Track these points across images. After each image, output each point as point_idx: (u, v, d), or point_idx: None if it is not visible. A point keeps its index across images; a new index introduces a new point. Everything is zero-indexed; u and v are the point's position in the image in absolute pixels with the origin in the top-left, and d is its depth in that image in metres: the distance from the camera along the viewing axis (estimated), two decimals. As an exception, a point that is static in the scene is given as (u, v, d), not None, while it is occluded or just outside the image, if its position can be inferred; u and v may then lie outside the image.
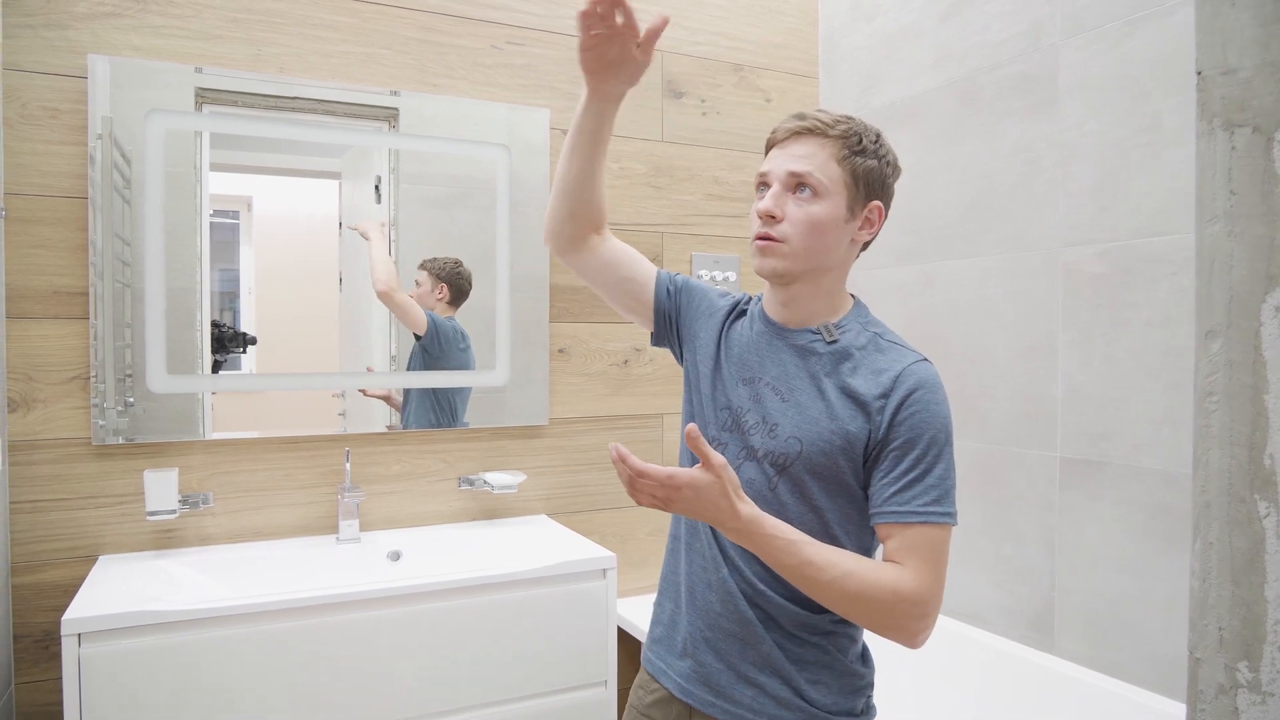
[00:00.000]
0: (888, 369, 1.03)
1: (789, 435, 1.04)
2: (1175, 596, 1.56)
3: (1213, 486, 0.64)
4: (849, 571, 0.96)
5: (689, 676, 1.10)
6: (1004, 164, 1.89)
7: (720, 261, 2.32)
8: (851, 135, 1.05)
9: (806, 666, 1.06)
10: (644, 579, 2.24)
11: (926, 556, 0.97)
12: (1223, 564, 0.64)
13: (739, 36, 2.33)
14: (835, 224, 1.05)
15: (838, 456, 1.02)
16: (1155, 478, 1.59)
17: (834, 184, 1.04)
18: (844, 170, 1.04)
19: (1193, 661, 0.67)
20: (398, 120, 1.95)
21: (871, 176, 1.06)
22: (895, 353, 1.05)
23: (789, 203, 1.04)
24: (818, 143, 1.04)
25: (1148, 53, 1.59)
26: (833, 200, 1.04)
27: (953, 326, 2.02)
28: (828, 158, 1.04)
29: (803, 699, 1.05)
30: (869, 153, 1.05)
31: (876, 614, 0.96)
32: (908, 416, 1.00)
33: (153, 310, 1.73)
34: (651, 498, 0.96)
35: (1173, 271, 1.56)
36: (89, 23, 1.69)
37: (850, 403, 1.03)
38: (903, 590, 0.96)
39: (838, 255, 1.07)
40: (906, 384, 1.01)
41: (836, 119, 1.05)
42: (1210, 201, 0.64)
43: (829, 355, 1.06)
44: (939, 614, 0.99)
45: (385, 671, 1.54)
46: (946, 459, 1.01)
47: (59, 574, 1.69)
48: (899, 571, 0.97)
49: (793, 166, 1.04)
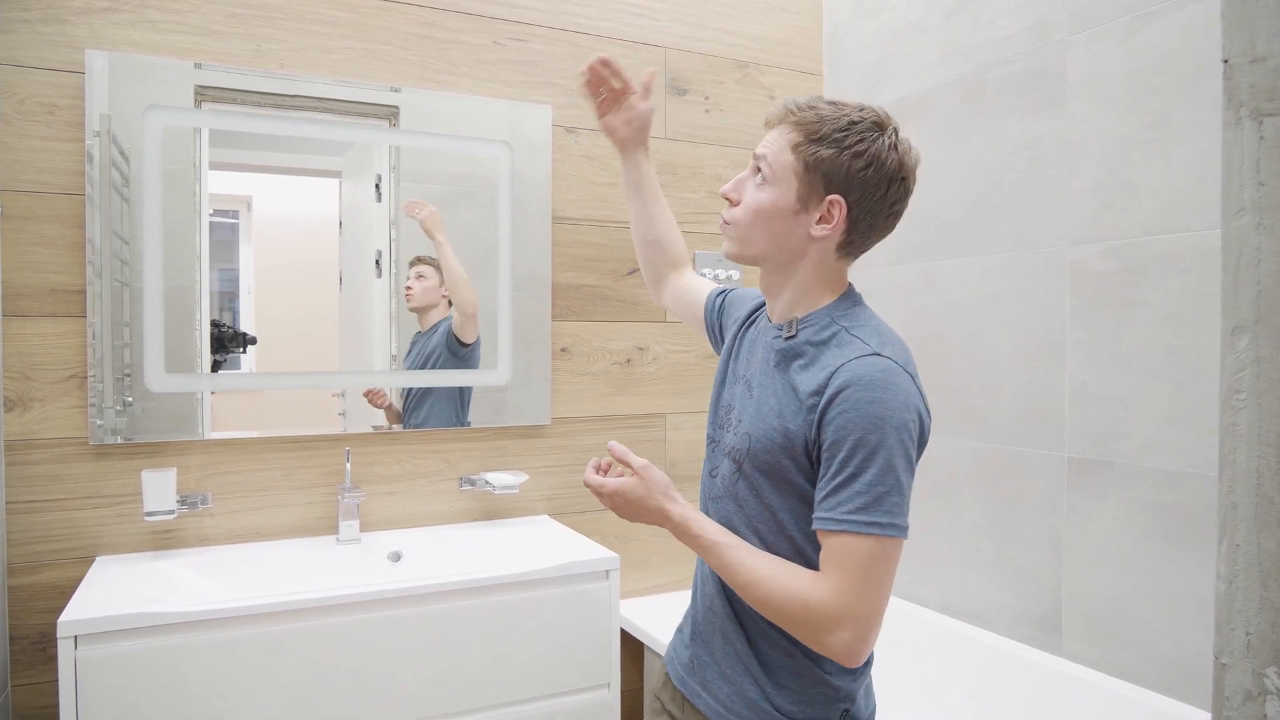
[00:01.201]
0: (830, 364, 0.96)
1: (744, 430, 1.04)
2: (1183, 597, 1.54)
3: (1240, 486, 0.63)
4: (763, 577, 0.95)
5: (687, 666, 1.12)
6: (1010, 161, 1.88)
7: (723, 260, 2.30)
8: (812, 121, 0.98)
9: (775, 671, 1.03)
10: (647, 580, 2.22)
11: (847, 567, 0.90)
12: (1250, 566, 0.62)
13: (742, 33, 2.32)
14: (781, 214, 1.00)
15: (779, 454, 0.98)
16: (1163, 477, 1.57)
17: (784, 171, 0.99)
18: (796, 158, 0.98)
19: (1218, 666, 0.65)
20: (398, 117, 1.93)
21: (826, 167, 0.97)
22: (849, 347, 0.96)
23: (748, 187, 1.05)
24: (781, 129, 1.01)
25: (1157, 48, 1.58)
26: (780, 188, 1.00)
27: (956, 325, 2.00)
28: (784, 144, 1.00)
29: (770, 704, 1.02)
30: (827, 140, 0.97)
31: (790, 622, 0.94)
32: (835, 416, 0.92)
33: (151, 309, 1.71)
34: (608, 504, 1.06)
35: (1182, 269, 1.54)
36: (86, 17, 1.67)
37: (794, 399, 0.98)
38: (813, 601, 0.91)
39: (793, 247, 1.02)
40: (838, 381, 0.93)
41: (810, 104, 0.99)
42: (1238, 193, 0.62)
43: (785, 350, 1.03)
44: (872, 630, 0.92)
45: (386, 674, 1.52)
46: (879, 464, 0.90)
47: (55, 575, 1.67)
48: (815, 581, 0.92)
49: (757, 149, 1.04)
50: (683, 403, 2.26)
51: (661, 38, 2.21)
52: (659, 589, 2.23)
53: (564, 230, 2.12)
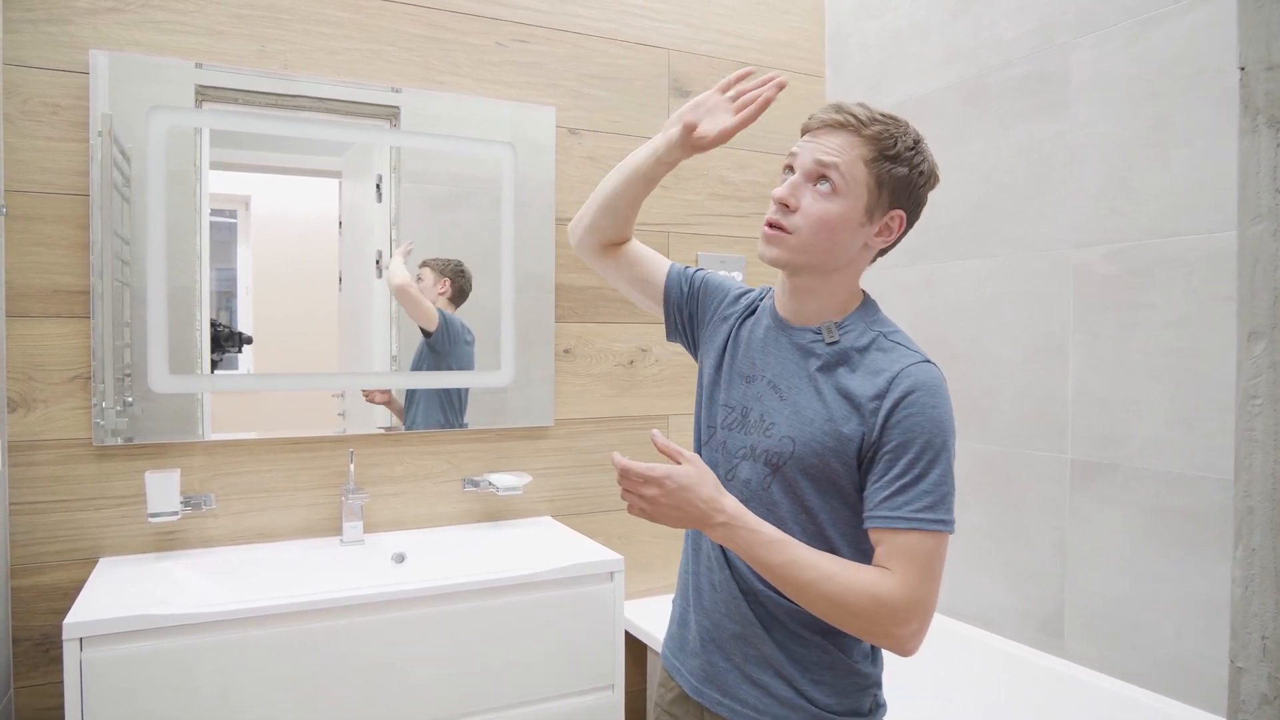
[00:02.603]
0: (885, 369, 1.00)
1: (783, 434, 1.03)
2: (1185, 599, 1.55)
3: (1256, 491, 0.63)
4: (830, 574, 0.95)
5: (700, 676, 1.11)
6: (1013, 164, 1.88)
7: (726, 262, 2.30)
8: (885, 138, 1.00)
9: (809, 667, 1.04)
10: (651, 581, 2.22)
11: (914, 564, 0.94)
12: (1266, 570, 0.62)
13: (744, 35, 2.32)
14: (848, 225, 1.02)
15: (829, 458, 1.00)
16: (1166, 480, 1.58)
17: (856, 185, 1.00)
18: (870, 173, 1.00)
19: (1234, 670, 0.65)
20: (399, 118, 1.93)
21: (899, 184, 1.02)
22: (897, 353, 1.01)
23: (806, 194, 1.02)
24: (848, 139, 1.01)
25: (1160, 52, 1.58)
26: (851, 201, 1.01)
27: (959, 327, 2.00)
28: (855, 157, 1.00)
29: (805, 699, 1.04)
30: (901, 159, 1.01)
31: (856, 618, 0.95)
32: (902, 419, 0.97)
33: (155, 309, 1.71)
34: (639, 499, 0.96)
35: (1185, 272, 1.55)
36: (91, 18, 1.66)
37: (846, 404, 1.00)
38: (883, 596, 0.93)
39: (846, 257, 1.04)
40: (902, 385, 0.98)
41: (874, 117, 1.01)
42: (1254, 200, 0.62)
43: (828, 355, 1.04)
44: (930, 622, 0.96)
45: (391, 675, 1.52)
46: (943, 465, 0.97)
47: (59, 576, 1.66)
48: (882, 576, 0.95)
49: (823, 157, 1.01)
50: (685, 404, 2.26)
51: (664, 39, 2.21)
52: (663, 590, 2.23)
53: (567, 232, 2.11)
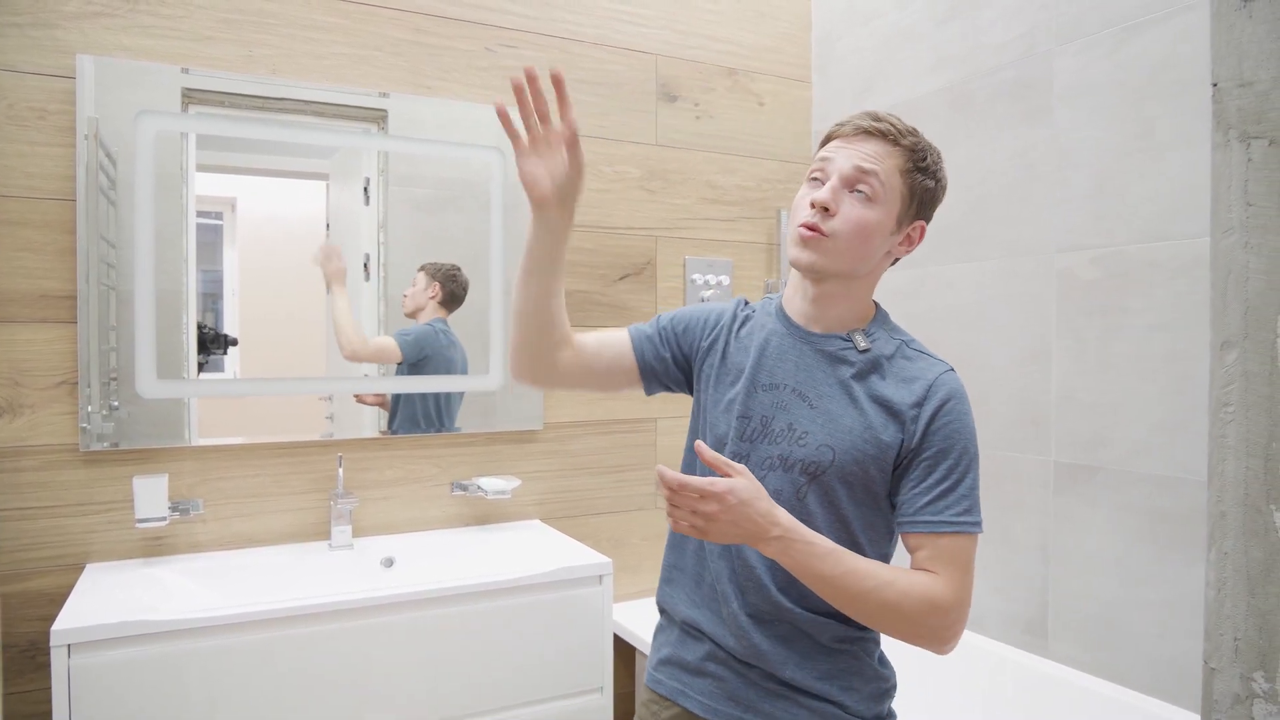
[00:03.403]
0: (919, 377, 1.03)
1: (820, 443, 1.03)
2: (1170, 601, 1.57)
3: (1228, 496, 0.65)
4: (888, 581, 0.96)
5: (712, 694, 1.08)
6: (999, 169, 1.90)
7: (714, 265, 2.32)
8: (919, 151, 1.04)
9: (838, 675, 1.05)
10: (640, 584, 2.23)
11: (958, 565, 0.98)
12: (1238, 574, 0.64)
13: (732, 40, 2.33)
14: (881, 233, 1.04)
15: (869, 465, 1.02)
16: (1150, 482, 1.60)
17: (891, 193, 1.03)
18: (904, 184, 1.03)
19: (1207, 671, 0.67)
20: (386, 121, 1.93)
21: (926, 196, 1.06)
22: (923, 361, 1.05)
23: (845, 199, 1.02)
24: (886, 149, 1.03)
25: (1144, 59, 1.60)
26: (886, 209, 1.03)
27: (946, 331, 2.02)
28: (893, 167, 1.03)
29: (836, 705, 1.05)
30: (929, 172, 1.05)
31: (910, 622, 0.96)
32: (942, 426, 1.00)
33: (143, 314, 1.70)
34: (692, 515, 0.92)
35: (1169, 277, 1.57)
36: (78, 22, 1.66)
37: (883, 411, 1.02)
38: (937, 599, 0.96)
39: (872, 264, 1.06)
40: (940, 393, 1.01)
41: (908, 129, 1.04)
42: (1226, 213, 0.64)
43: (861, 363, 1.05)
44: None
45: (379, 680, 1.52)
46: (975, 469, 1.02)
47: (46, 583, 1.66)
48: (933, 580, 0.98)
49: (862, 164, 1.02)
50: (673, 408, 2.27)
51: (651, 44, 2.23)
52: (651, 593, 2.24)
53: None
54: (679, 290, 2.28)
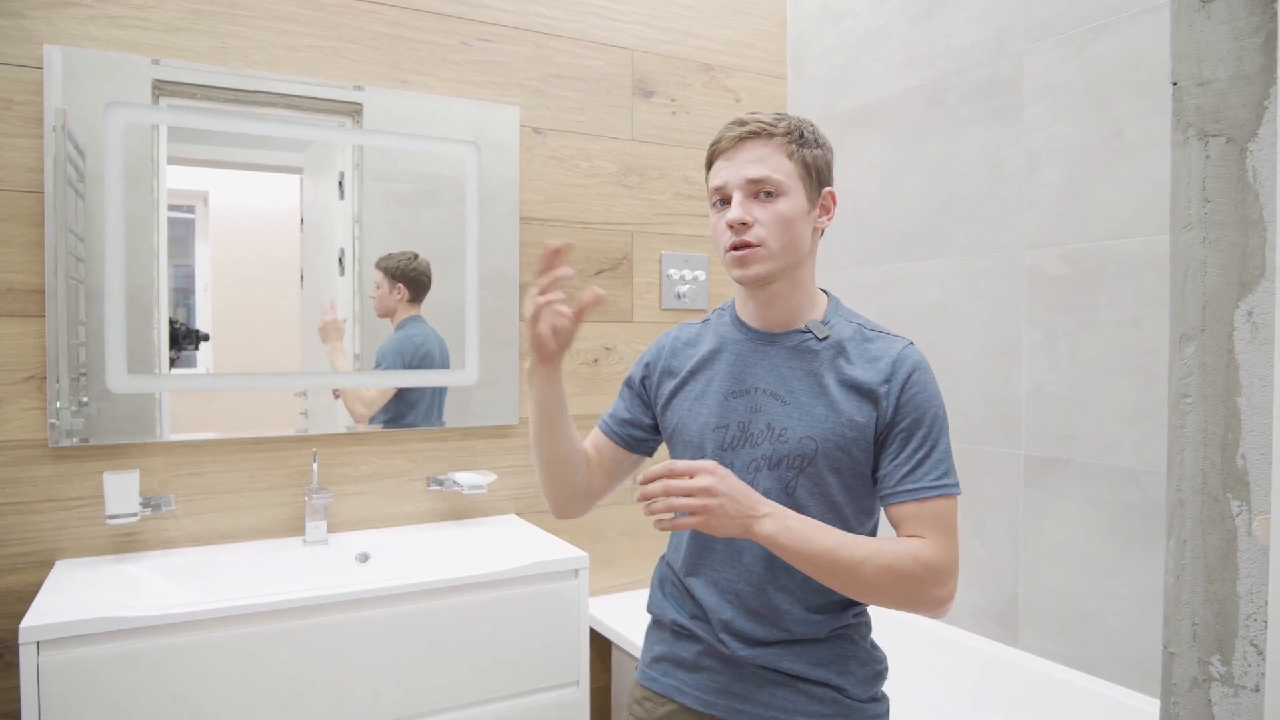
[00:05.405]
0: (882, 355, 1.07)
1: (802, 436, 1.06)
2: (1138, 591, 1.60)
3: (1187, 486, 0.66)
4: (879, 548, 1.00)
5: (708, 689, 1.10)
6: (970, 167, 1.92)
7: (690, 260, 2.32)
8: (794, 130, 1.08)
9: (834, 660, 1.08)
10: (615, 578, 2.24)
11: (943, 527, 1.02)
12: (1196, 561, 0.66)
13: (708, 36, 2.34)
14: (801, 217, 1.08)
15: (852, 448, 1.05)
16: (1119, 475, 1.63)
17: (791, 179, 1.07)
18: (796, 164, 1.07)
19: (1166, 656, 0.69)
20: (362, 115, 1.92)
21: (820, 164, 1.10)
22: (883, 340, 1.09)
23: (754, 207, 1.06)
24: (765, 144, 1.06)
25: (1110, 59, 1.63)
26: (794, 195, 1.07)
27: (918, 327, 2.05)
28: (780, 156, 1.06)
29: (843, 694, 1.08)
30: (811, 143, 1.09)
31: (907, 586, 0.99)
32: (911, 398, 1.05)
33: (113, 308, 1.68)
34: (697, 494, 0.94)
35: (1136, 273, 1.60)
36: (45, 12, 1.64)
37: (854, 394, 1.06)
38: (926, 559, 0.99)
39: (804, 247, 1.10)
40: (905, 367, 1.06)
41: (776, 117, 1.08)
42: (1185, 209, 0.65)
43: (825, 351, 1.09)
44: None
45: (355, 675, 1.52)
46: (946, 434, 1.06)
47: (14, 580, 1.63)
48: (921, 543, 1.01)
49: (749, 173, 1.06)
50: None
51: (628, 40, 2.23)
52: (627, 587, 2.25)
53: (532, 230, 2.12)
54: (655, 286, 2.29)
